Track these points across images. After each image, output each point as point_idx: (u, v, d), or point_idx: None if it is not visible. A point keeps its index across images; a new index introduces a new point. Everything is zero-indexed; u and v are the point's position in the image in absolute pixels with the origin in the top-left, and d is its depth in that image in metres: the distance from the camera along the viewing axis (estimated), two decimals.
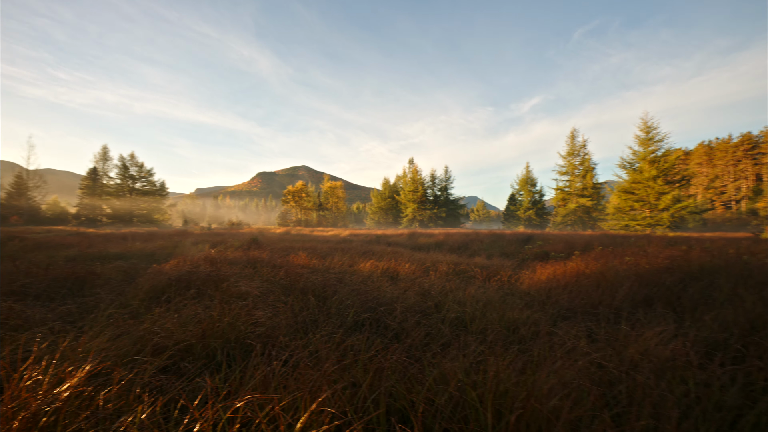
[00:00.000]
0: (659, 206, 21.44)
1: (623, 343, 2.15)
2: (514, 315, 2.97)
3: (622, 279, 4.05)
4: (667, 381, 1.69)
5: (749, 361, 2.01)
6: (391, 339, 2.54)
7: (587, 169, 38.63)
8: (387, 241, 12.94)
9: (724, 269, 4.18)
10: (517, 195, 48.33)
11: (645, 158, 23.86)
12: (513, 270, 5.96)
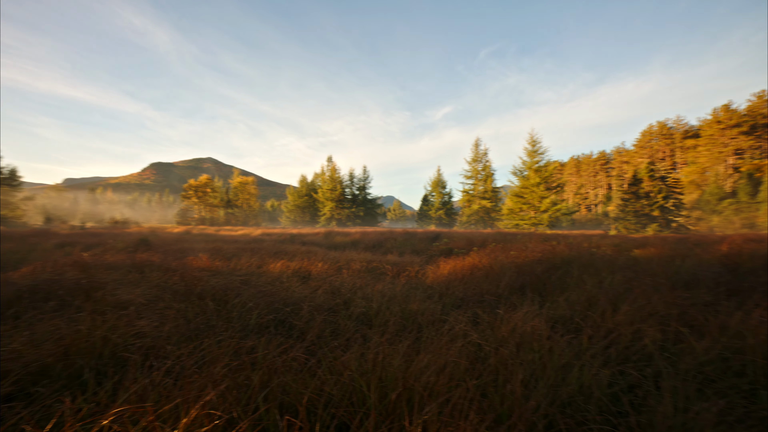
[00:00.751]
0: (541, 208, 25.59)
1: (497, 325, 2.53)
2: (414, 307, 3.23)
3: (506, 270, 4.72)
4: (524, 351, 2.07)
5: (584, 331, 2.57)
6: (296, 338, 2.53)
7: (488, 175, 43.63)
8: (302, 240, 12.63)
9: (577, 259, 5.20)
10: (429, 196, 51.84)
11: (531, 167, 28.18)
12: (420, 266, 6.41)
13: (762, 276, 4.32)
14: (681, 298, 3.15)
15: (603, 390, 1.70)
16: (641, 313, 2.69)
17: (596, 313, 2.78)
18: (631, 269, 4.64)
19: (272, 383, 1.39)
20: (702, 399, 1.62)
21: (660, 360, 2.06)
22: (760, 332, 2.11)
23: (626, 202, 27.01)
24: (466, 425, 1.16)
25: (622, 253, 6.53)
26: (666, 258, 5.62)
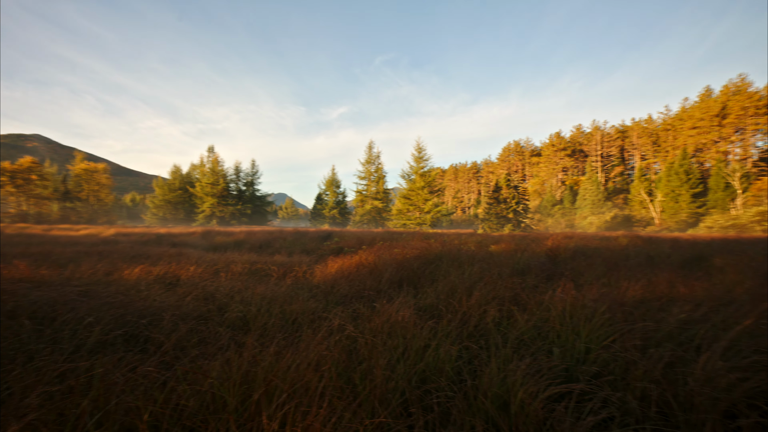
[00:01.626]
0: (425, 209, 28.42)
1: (373, 317, 2.72)
2: (296, 307, 3.20)
3: (388, 267, 5.08)
4: (393, 338, 2.29)
5: (444, 316, 2.98)
6: (152, 353, 2.21)
7: (380, 176, 45.95)
8: (173, 241, 10.97)
9: (447, 255, 5.96)
10: (323, 195, 51.50)
11: (417, 172, 30.98)
12: (308, 266, 6.35)
13: (570, 263, 5.76)
14: (516, 283, 3.95)
15: (451, 364, 2.02)
16: (487, 297, 3.28)
17: (455, 300, 3.26)
18: (486, 261, 5.57)
19: (110, 405, 1.20)
20: (517, 359, 2.08)
21: (496, 333, 2.55)
22: (559, 305, 2.82)
23: (490, 206, 32.19)
24: (325, 411, 1.24)
25: (482, 249, 7.78)
26: (511, 252, 6.95)
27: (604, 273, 4.67)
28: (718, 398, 1.65)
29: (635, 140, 61.69)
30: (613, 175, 62.69)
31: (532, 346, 2.36)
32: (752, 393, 1.73)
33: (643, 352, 2.13)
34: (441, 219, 41.23)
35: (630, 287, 3.68)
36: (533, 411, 1.54)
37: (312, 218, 50.80)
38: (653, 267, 5.31)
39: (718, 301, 3.23)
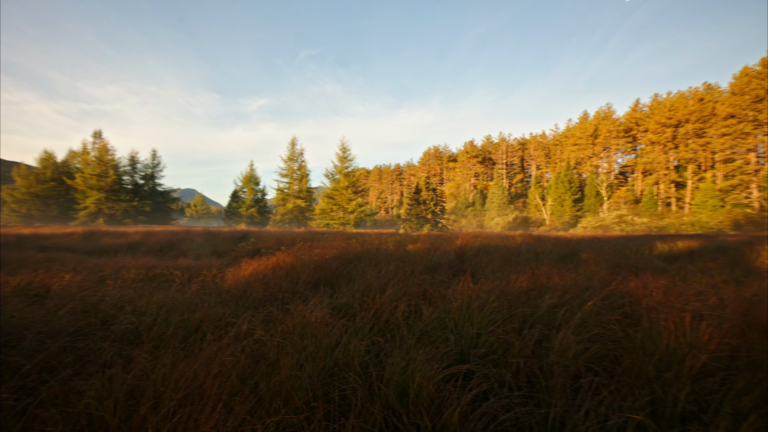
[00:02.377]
0: (348, 209, 28.57)
1: (285, 319, 2.69)
2: (200, 315, 2.97)
3: (306, 267, 5.02)
4: (305, 338, 2.30)
5: (358, 314, 3.09)
6: (9, 378, 1.84)
7: (303, 174, 44.60)
8: (41, 243, 9.06)
9: (367, 254, 6.13)
10: (240, 192, 47.92)
11: (341, 171, 30.97)
12: (219, 269, 5.89)
13: (474, 260, 6.44)
14: (426, 279, 4.28)
15: (360, 358, 2.12)
16: (399, 293, 3.49)
17: (369, 298, 3.40)
18: (402, 260, 5.89)
19: None
20: (420, 348, 2.29)
21: (404, 327, 2.75)
22: (459, 298, 3.16)
23: (411, 207, 33.86)
24: (222, 414, 1.21)
25: (400, 248, 8.18)
26: (425, 250, 7.46)
27: (499, 267, 5.35)
28: (569, 365, 2.07)
29: (532, 152, 71.20)
30: (515, 181, 71.42)
31: (434, 335, 2.61)
32: (592, 359, 2.21)
33: (520, 333, 2.53)
34: (365, 219, 41.85)
35: (518, 279, 4.29)
36: (427, 392, 1.72)
37: (226, 217, 46.83)
38: (538, 261, 6.26)
39: (580, 287, 3.98)
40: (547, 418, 1.68)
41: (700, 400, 1.72)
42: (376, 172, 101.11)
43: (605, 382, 1.94)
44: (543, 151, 69.36)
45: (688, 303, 2.82)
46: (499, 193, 58.49)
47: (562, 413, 1.70)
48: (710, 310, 2.51)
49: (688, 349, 1.92)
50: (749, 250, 7.14)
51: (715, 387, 1.72)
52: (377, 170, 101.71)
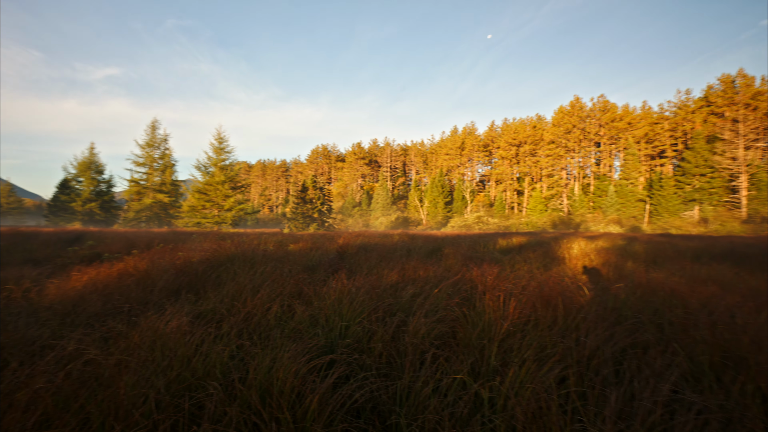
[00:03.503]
0: (225, 207, 25.84)
1: (132, 333, 2.34)
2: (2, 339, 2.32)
3: (165, 273, 4.40)
4: (158, 351, 2.07)
5: (225, 320, 2.91)
6: None
7: (167, 165, 38.15)
8: None
9: (242, 256, 5.75)
10: (74, 182, 37.93)
11: (217, 164, 27.76)
12: (36, 281, 4.61)
13: (354, 257, 6.76)
14: (304, 279, 4.30)
15: (223, 365, 2.03)
16: (273, 294, 3.43)
17: (240, 301, 3.23)
18: (281, 260, 5.74)
19: None
20: (289, 345, 2.33)
21: (276, 327, 2.73)
22: (333, 294, 3.31)
23: (297, 206, 32.92)
24: None
25: (281, 248, 7.93)
26: (307, 250, 7.45)
27: (376, 264, 5.77)
28: (418, 344, 2.44)
29: (413, 158, 78.23)
30: (398, 184, 77.22)
31: (306, 333, 2.69)
32: (437, 336, 2.65)
33: (383, 321, 2.83)
34: (245, 218, 38.69)
35: (389, 274, 4.74)
36: (290, 386, 1.79)
37: (51, 213, 36.34)
38: (409, 257, 7.00)
39: (438, 278, 4.65)
40: (396, 389, 1.96)
41: (504, 356, 2.28)
42: (259, 167, 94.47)
43: (444, 353, 2.37)
44: (422, 158, 76.99)
45: (508, 285, 3.65)
46: (383, 195, 62.23)
47: (408, 384, 2.00)
48: (520, 290, 3.31)
49: (499, 319, 2.51)
50: (555, 244, 9.57)
51: (515, 345, 2.31)
52: (261, 165, 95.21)
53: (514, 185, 60.47)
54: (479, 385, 1.91)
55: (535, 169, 58.50)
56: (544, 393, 1.75)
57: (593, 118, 54.57)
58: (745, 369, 1.85)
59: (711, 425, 1.47)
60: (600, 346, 2.18)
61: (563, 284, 3.33)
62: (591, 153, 56.15)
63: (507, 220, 49.25)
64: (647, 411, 1.60)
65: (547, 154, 56.24)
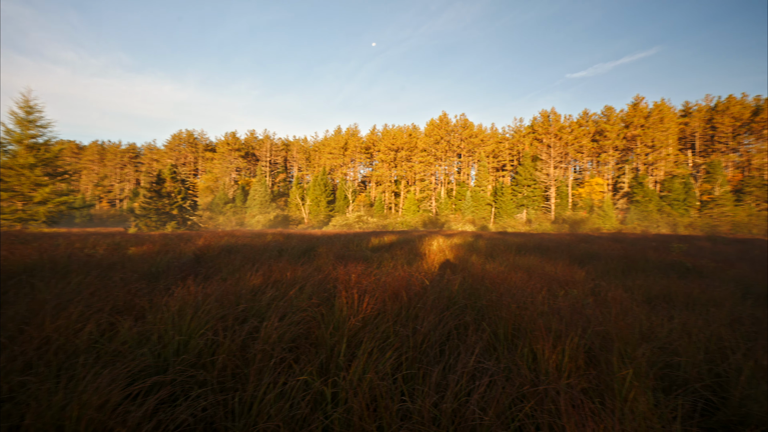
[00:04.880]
0: (35, 199, 19.51)
1: None
2: None
3: None
4: None
5: (5, 351, 2.20)
6: None
7: None
8: None
9: (47, 265, 4.47)
10: None
11: (23, 141, 20.71)
12: None
13: (215, 260, 6.07)
14: (142, 288, 3.63)
15: None
16: (89, 311, 2.77)
17: (33, 325, 2.49)
18: (113, 267, 4.71)
19: None
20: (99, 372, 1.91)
21: (88, 353, 2.21)
22: (173, 305, 2.89)
23: (150, 200, 27.60)
24: None
25: (119, 252, 6.52)
26: (154, 253, 6.32)
27: (239, 267, 5.33)
28: (268, 350, 2.34)
29: (295, 154, 75.61)
30: (278, 180, 73.40)
31: (130, 354, 2.26)
32: (290, 339, 2.61)
33: (233, 330, 2.63)
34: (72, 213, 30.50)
35: (252, 277, 4.43)
36: (90, 423, 1.46)
37: None
38: (280, 258, 6.72)
39: (307, 279, 4.60)
40: (236, 402, 1.83)
41: (354, 351, 2.40)
42: (95, 150, 75.53)
43: (295, 356, 2.35)
44: (304, 155, 75.20)
45: (368, 282, 3.89)
46: (261, 191, 58.22)
47: (252, 394, 1.90)
48: (376, 285, 3.57)
49: (352, 316, 2.65)
50: (420, 241, 10.73)
51: (365, 338, 2.46)
52: (98, 147, 76.33)
53: (392, 187, 65.17)
54: (321, 382, 1.96)
55: (410, 173, 64.46)
56: (380, 381, 1.91)
57: (456, 133, 63.61)
58: (525, 336, 2.44)
59: (496, 384, 1.88)
60: (431, 330, 2.53)
61: (412, 278, 3.74)
62: (454, 162, 65.32)
63: (385, 219, 52.80)
64: (456, 380, 1.93)
65: (420, 161, 62.67)
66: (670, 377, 2.42)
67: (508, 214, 52.30)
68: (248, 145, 74.48)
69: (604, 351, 2.21)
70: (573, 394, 1.69)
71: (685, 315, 3.35)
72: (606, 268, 6.77)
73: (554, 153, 54.37)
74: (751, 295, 4.84)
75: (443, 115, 64.04)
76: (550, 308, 2.75)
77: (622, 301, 3.74)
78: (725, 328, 2.96)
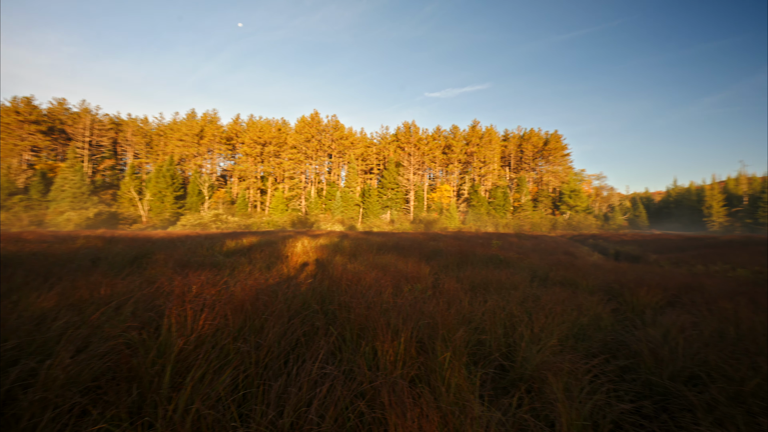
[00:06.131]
0: None
1: None
2: None
3: None
4: None
5: None
6: None
7: None
8: None
9: None
10: None
11: None
12: None
13: None
14: None
15: None
16: None
17: None
18: None
19: None
20: None
21: None
22: None
23: None
24: None
25: None
26: None
27: (19, 286, 3.92)
28: (51, 399, 1.77)
29: (130, 137, 61.43)
30: (103, 167, 58.22)
31: None
32: (93, 378, 2.04)
33: None
34: None
35: (42, 298, 3.32)
36: None
37: None
38: (94, 268, 5.30)
39: (129, 295, 3.74)
40: None
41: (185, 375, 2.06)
42: None
43: (92, 399, 1.85)
44: (144, 139, 62.04)
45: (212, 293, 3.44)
46: (76, 180, 45.10)
47: None
48: (219, 297, 3.18)
49: (183, 336, 2.27)
50: (283, 243, 10.27)
51: (193, 362, 2.14)
52: None
53: (257, 184, 60.63)
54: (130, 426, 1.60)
55: (279, 170, 61.40)
56: (207, 411, 1.69)
57: (328, 133, 64.08)
58: (369, 335, 2.60)
59: (335, 387, 1.92)
60: (278, 340, 2.42)
61: (267, 284, 3.52)
62: (325, 162, 65.64)
63: (249, 218, 48.61)
64: (296, 392, 1.89)
65: (289, 158, 60.39)
66: (480, 351, 2.99)
67: (374, 214, 55.97)
68: (54, 117, 56.42)
69: (431, 339, 2.57)
70: (401, 384, 1.88)
71: (495, 298, 4.22)
72: (446, 263, 7.97)
73: (414, 161, 61.27)
74: (536, 278, 6.53)
75: (315, 114, 63.60)
76: (394, 305, 3.02)
77: (454, 291, 4.46)
78: (517, 306, 3.87)
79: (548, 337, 2.99)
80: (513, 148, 68.64)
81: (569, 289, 5.24)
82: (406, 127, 66.05)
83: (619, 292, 5.23)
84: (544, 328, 3.20)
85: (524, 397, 2.21)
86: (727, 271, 8.98)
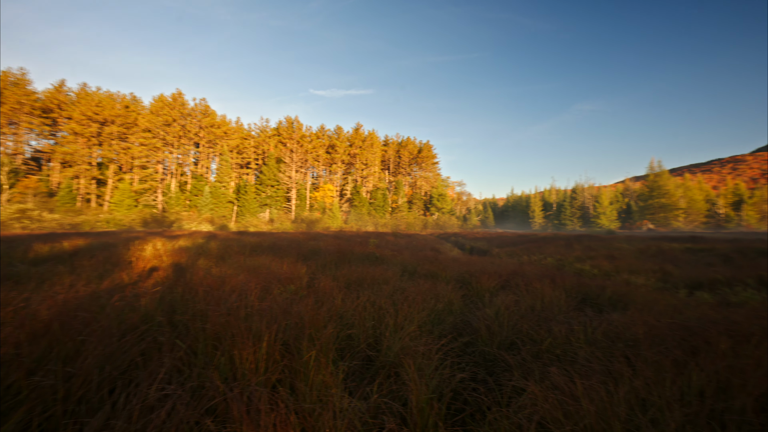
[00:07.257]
0: None
1: None
2: None
3: None
4: None
5: None
6: None
7: None
8: None
9: None
10: None
11: None
12: None
13: None
14: None
15: None
16: None
17: None
18: None
19: None
20: None
21: None
22: None
23: None
24: None
25: None
26: None
27: None
28: None
29: None
30: None
31: None
32: None
33: None
34: None
35: None
36: None
37: None
38: None
39: None
40: None
41: None
42: None
43: None
44: None
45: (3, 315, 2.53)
46: None
47: None
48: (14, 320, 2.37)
49: None
50: (126, 246, 8.42)
51: None
52: None
53: (92, 171, 48.29)
54: None
55: (125, 157, 50.32)
56: None
57: (195, 118, 55.86)
58: (226, 344, 2.35)
59: (178, 407, 1.65)
60: (102, 365, 1.94)
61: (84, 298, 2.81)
62: (190, 152, 57.03)
63: (78, 216, 38.13)
64: (125, 421, 1.55)
65: (141, 143, 50.14)
66: (349, 346, 3.07)
67: (251, 212, 51.73)
68: None
69: (298, 339, 2.49)
70: (258, 392, 1.76)
71: (367, 293, 4.40)
72: (324, 262, 7.95)
73: (296, 158, 59.23)
74: (406, 273, 7.14)
75: (178, 94, 54.65)
76: (259, 308, 2.82)
77: (329, 290, 4.47)
78: (386, 300, 4.13)
79: (409, 325, 3.29)
80: (392, 153, 73.88)
81: (431, 281, 5.91)
82: (288, 121, 63.35)
83: (469, 281, 6.18)
84: (407, 316, 3.51)
85: (384, 382, 2.36)
86: (541, 260, 11.72)
